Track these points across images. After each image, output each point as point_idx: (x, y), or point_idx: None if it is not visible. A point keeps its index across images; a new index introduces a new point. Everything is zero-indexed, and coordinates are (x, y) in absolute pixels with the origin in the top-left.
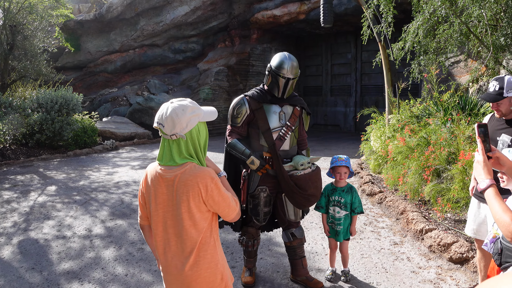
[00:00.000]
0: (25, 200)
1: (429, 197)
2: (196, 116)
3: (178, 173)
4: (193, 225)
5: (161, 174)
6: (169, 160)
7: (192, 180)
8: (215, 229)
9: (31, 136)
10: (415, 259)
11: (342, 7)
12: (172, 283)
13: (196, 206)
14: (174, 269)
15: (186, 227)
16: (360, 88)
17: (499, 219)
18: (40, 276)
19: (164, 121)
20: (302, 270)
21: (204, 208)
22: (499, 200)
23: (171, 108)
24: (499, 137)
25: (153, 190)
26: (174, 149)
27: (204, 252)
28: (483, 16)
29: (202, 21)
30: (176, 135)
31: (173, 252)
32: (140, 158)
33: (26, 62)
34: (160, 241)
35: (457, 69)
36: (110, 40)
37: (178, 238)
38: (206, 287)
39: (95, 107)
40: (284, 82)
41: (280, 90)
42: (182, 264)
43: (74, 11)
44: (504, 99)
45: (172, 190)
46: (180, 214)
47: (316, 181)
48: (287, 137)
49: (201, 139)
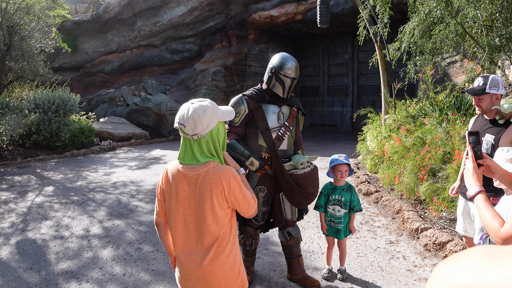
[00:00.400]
0: (23, 200)
1: (425, 197)
2: (216, 116)
3: (202, 171)
4: (215, 221)
5: (183, 173)
6: (191, 159)
7: (216, 178)
8: (234, 226)
9: (28, 137)
10: (411, 258)
11: (339, 8)
12: (189, 279)
13: (219, 203)
14: (193, 263)
15: (208, 223)
16: (357, 88)
17: (489, 225)
18: (38, 276)
19: (185, 122)
20: (299, 269)
21: (225, 205)
22: (488, 206)
23: (192, 108)
24: (483, 137)
25: (174, 188)
26: (196, 149)
27: (223, 247)
28: (478, 17)
29: (199, 22)
30: (197, 135)
31: (193, 248)
32: (137, 158)
33: (23, 63)
34: (180, 237)
35: (453, 69)
36: (107, 40)
37: (198, 234)
38: (224, 281)
39: (92, 108)
40: (290, 82)
41: (286, 90)
42: (202, 259)
43: (71, 12)
44: (486, 95)
45: (194, 188)
46: (203, 210)
47: (314, 180)
48: (285, 137)
49: (220, 138)
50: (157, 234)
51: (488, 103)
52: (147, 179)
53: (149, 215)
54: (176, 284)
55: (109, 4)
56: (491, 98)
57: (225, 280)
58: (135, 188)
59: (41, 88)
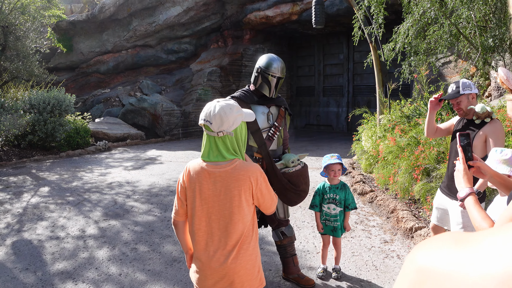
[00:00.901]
0: (18, 201)
1: (419, 196)
2: (241, 115)
3: (228, 168)
4: (241, 218)
5: (208, 170)
6: (217, 156)
7: (244, 174)
8: (255, 223)
9: (23, 137)
10: (405, 257)
11: (334, 8)
12: (210, 278)
13: (246, 200)
14: (217, 262)
15: (235, 221)
16: (352, 88)
17: (478, 227)
18: (34, 276)
19: (212, 119)
20: (294, 268)
21: (251, 201)
22: (478, 208)
23: (218, 106)
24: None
25: (198, 186)
26: (221, 146)
27: (247, 244)
28: (472, 17)
29: (195, 22)
30: (223, 132)
31: (216, 246)
32: (133, 159)
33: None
34: (203, 235)
35: (447, 69)
36: (103, 40)
37: (222, 232)
38: (246, 278)
39: (88, 108)
40: (276, 81)
41: (271, 89)
42: (225, 258)
43: (66, 12)
44: (462, 96)
45: (220, 185)
46: (230, 208)
47: (306, 177)
48: (275, 137)
49: (243, 136)
50: (152, 235)
51: (466, 103)
52: (143, 180)
53: (144, 216)
54: (171, 284)
55: (105, 4)
56: (467, 98)
57: (247, 278)
58: (131, 188)
59: (36, 88)
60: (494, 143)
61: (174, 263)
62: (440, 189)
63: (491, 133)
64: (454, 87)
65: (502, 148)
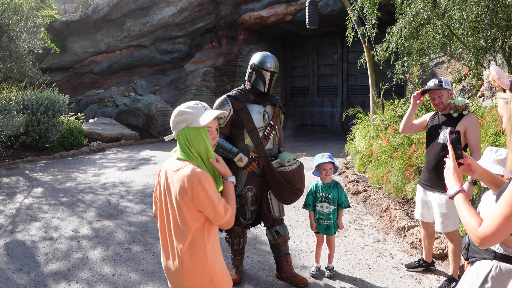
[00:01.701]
0: (11, 202)
1: (412, 195)
2: (184, 120)
3: (176, 169)
4: (183, 222)
5: (166, 167)
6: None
7: (181, 178)
8: (209, 233)
9: (16, 138)
10: (398, 255)
11: (328, 9)
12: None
13: (185, 203)
14: (169, 267)
15: (175, 225)
16: (346, 88)
17: (467, 224)
18: (28, 277)
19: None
20: (287, 267)
21: (193, 207)
22: (468, 205)
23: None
24: (441, 130)
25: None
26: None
27: (192, 252)
28: (464, 18)
29: (189, 22)
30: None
31: (166, 249)
32: (127, 159)
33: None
34: (161, 235)
35: (440, 70)
36: (97, 41)
37: (170, 235)
38: (193, 286)
39: (82, 108)
40: (270, 76)
41: (266, 84)
42: (173, 262)
43: (59, 12)
44: (444, 90)
45: (168, 184)
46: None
47: (302, 176)
48: (271, 136)
49: (194, 143)
50: (146, 235)
51: (447, 97)
52: (137, 180)
53: (138, 216)
54: (165, 284)
55: (98, 4)
56: (447, 93)
57: (194, 286)
58: (125, 189)
59: (29, 89)
60: (474, 134)
61: None
62: (420, 184)
63: (470, 124)
64: (437, 81)
65: (497, 148)
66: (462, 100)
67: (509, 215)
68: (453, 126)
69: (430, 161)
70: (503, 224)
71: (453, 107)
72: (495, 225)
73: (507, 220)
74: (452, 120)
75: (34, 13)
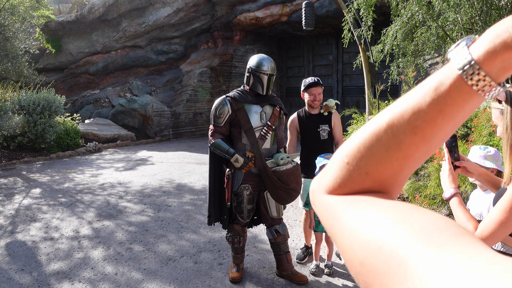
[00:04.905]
0: (10, 203)
1: (408, 194)
2: None
3: None
4: None
5: None
6: None
7: None
8: None
9: (12, 139)
10: None
11: (323, 10)
12: None
13: None
14: None
15: None
16: (341, 89)
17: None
18: (30, 277)
19: None
20: (287, 265)
21: None
22: (463, 209)
23: None
24: (319, 128)
25: None
26: None
27: None
28: (458, 20)
29: (185, 23)
30: None
31: None
32: (123, 160)
33: (7, 64)
34: None
35: (435, 70)
36: (92, 41)
37: None
38: None
39: (77, 109)
40: (267, 79)
41: (264, 86)
42: None
43: (54, 12)
44: (321, 89)
45: None
46: None
47: (297, 176)
48: (268, 136)
49: None
50: (147, 234)
51: (321, 97)
52: (135, 180)
53: (138, 216)
54: (167, 282)
55: (94, 5)
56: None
57: None
58: (123, 189)
59: (25, 89)
60: (340, 128)
61: (170, 262)
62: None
63: (338, 119)
64: (315, 79)
65: (485, 146)
66: (333, 100)
67: (506, 221)
68: (329, 122)
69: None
70: (499, 229)
71: (324, 107)
72: (491, 230)
73: (503, 225)
74: (326, 119)
75: (30, 13)
